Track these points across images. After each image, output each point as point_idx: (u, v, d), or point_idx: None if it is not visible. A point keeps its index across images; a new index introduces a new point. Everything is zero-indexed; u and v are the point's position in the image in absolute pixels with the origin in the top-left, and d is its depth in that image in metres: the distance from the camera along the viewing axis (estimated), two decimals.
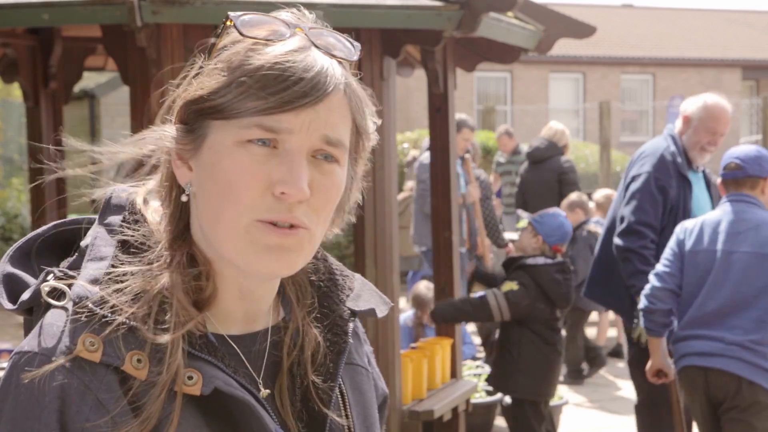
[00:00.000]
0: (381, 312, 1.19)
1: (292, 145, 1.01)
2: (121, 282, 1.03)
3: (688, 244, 3.99)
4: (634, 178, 4.59)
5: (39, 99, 5.20)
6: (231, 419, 1.03)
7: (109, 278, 1.03)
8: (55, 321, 1.02)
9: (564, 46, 21.64)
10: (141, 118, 3.94)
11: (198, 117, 1.04)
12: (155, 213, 1.11)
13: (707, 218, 4.04)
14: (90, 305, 1.00)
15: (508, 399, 5.65)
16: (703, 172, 4.79)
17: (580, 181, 8.49)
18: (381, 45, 4.37)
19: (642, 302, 4.09)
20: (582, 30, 5.08)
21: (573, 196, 7.76)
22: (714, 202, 4.75)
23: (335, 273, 1.20)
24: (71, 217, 1.18)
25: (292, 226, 1.02)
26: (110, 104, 13.85)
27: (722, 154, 4.34)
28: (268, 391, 1.10)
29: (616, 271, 4.61)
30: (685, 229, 4.05)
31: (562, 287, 4.88)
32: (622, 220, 4.56)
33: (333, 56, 1.04)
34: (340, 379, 1.14)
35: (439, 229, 4.88)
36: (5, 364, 1.03)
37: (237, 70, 1.01)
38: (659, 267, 4.09)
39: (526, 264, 4.89)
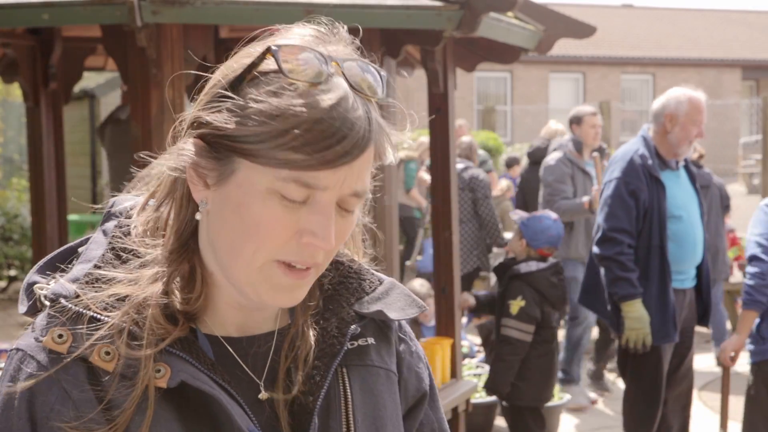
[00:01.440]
0: (404, 314, 1.20)
1: (324, 198, 1.02)
2: (101, 283, 1.06)
3: None
4: (606, 185, 4.61)
5: (39, 99, 5.20)
6: (206, 415, 1.04)
7: (89, 278, 1.07)
8: (41, 318, 1.07)
9: (564, 46, 21.65)
10: (141, 118, 3.94)
11: (227, 150, 1.02)
12: (141, 219, 1.13)
13: None
14: (63, 301, 1.04)
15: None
16: (686, 167, 4.76)
17: None
18: (381, 45, 4.37)
19: (748, 278, 4.20)
20: (582, 30, 5.08)
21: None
22: (700, 197, 4.74)
23: (349, 277, 1.21)
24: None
25: (307, 268, 1.05)
26: (110, 104, 13.84)
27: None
28: (267, 393, 1.11)
29: (597, 277, 4.64)
30: None
31: (558, 289, 4.87)
32: (598, 227, 4.59)
33: (368, 99, 1.04)
34: (347, 382, 1.14)
35: (439, 229, 4.88)
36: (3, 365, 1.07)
37: (276, 120, 0.99)
38: (764, 242, 4.19)
39: (520, 273, 4.83)
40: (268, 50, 1.03)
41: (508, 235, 8.76)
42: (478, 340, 7.75)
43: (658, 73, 27.29)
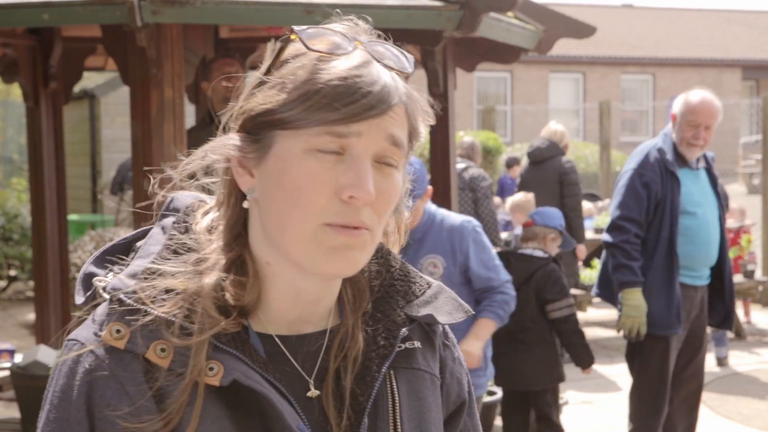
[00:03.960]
0: (452, 318, 1.21)
1: (359, 149, 1.05)
2: (158, 278, 1.09)
3: None
4: (621, 176, 4.72)
5: (39, 99, 5.20)
6: (256, 412, 1.06)
7: (147, 273, 1.09)
8: (100, 312, 1.09)
9: (564, 46, 21.65)
10: (141, 118, 3.95)
11: (264, 127, 1.08)
12: (207, 219, 1.16)
13: None
14: (122, 296, 1.07)
15: (499, 394, 5.63)
16: (707, 169, 4.78)
17: (581, 182, 8.49)
18: None
19: None
20: (582, 30, 5.08)
21: (519, 196, 7.87)
22: (720, 201, 4.77)
23: (399, 279, 1.22)
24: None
25: (356, 228, 1.06)
26: (110, 104, 13.84)
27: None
28: (317, 392, 1.12)
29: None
30: None
31: None
32: (610, 216, 4.69)
33: (392, 69, 1.09)
34: (394, 384, 1.16)
35: None
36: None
37: (305, 84, 1.05)
38: None
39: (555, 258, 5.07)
40: (292, 32, 1.09)
41: (506, 235, 8.77)
42: None
43: (658, 73, 27.30)
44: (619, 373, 7.52)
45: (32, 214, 5.57)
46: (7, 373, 4.93)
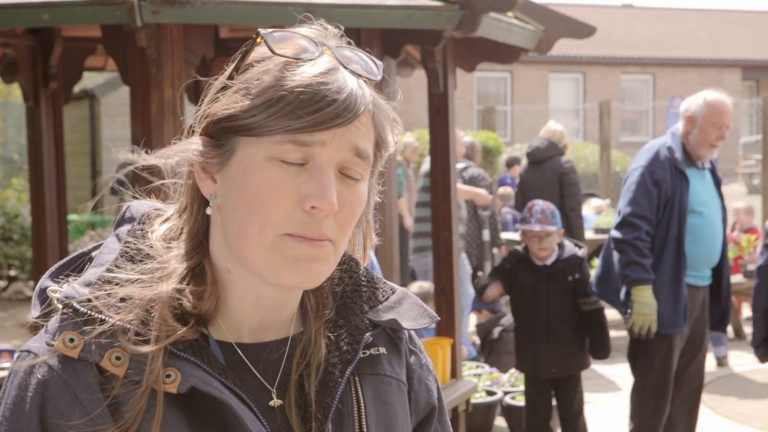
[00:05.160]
0: (417, 324, 1.19)
1: (322, 159, 1.03)
2: (113, 286, 1.06)
3: None
4: (630, 173, 4.70)
5: (39, 99, 5.20)
6: (216, 420, 1.03)
7: (101, 282, 1.06)
8: (53, 322, 1.06)
9: (564, 46, 21.66)
10: (141, 118, 3.94)
11: (227, 133, 1.05)
12: (164, 227, 1.14)
13: None
14: (75, 304, 1.04)
15: (506, 394, 5.63)
16: (711, 170, 4.79)
17: (581, 182, 8.49)
18: (381, 45, 4.37)
19: None
20: (582, 30, 5.08)
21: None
22: (723, 203, 4.77)
23: (363, 285, 1.21)
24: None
25: (318, 240, 1.04)
26: (110, 104, 13.85)
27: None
28: (279, 401, 1.10)
29: (612, 264, 4.72)
30: None
31: None
32: (619, 213, 4.67)
33: (359, 76, 1.06)
34: (359, 390, 1.14)
35: (439, 229, 4.88)
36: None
37: (270, 90, 1.02)
38: None
39: (582, 255, 5.13)
40: (258, 36, 1.07)
41: (505, 236, 8.77)
42: (478, 340, 7.75)
43: (658, 73, 27.29)
44: (619, 373, 7.52)
45: (32, 214, 5.57)
46: (6, 373, 4.94)
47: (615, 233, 4.62)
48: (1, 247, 10.83)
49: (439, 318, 1.26)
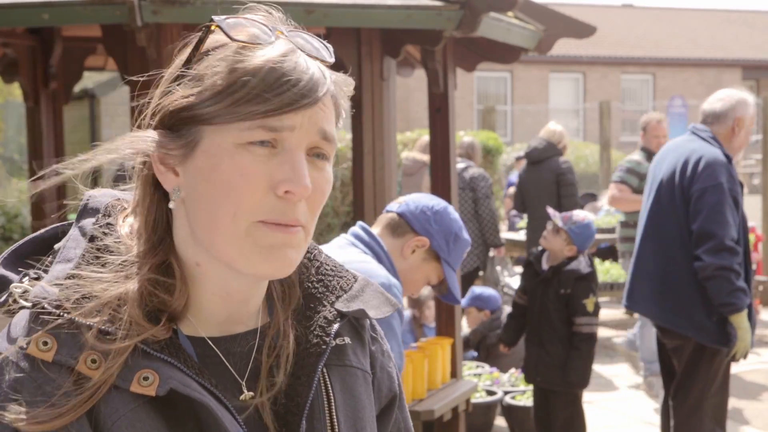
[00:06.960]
0: (381, 313, 1.18)
1: (292, 143, 1.02)
2: (83, 285, 1.03)
3: None
4: (707, 190, 4.25)
5: (39, 99, 5.21)
6: (192, 420, 1.02)
7: (70, 280, 1.03)
8: (19, 321, 1.03)
9: (564, 46, 21.66)
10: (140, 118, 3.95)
11: (187, 123, 1.03)
12: (127, 221, 1.11)
13: None
14: (46, 305, 1.01)
15: (506, 394, 5.63)
16: None
17: (580, 182, 8.49)
18: (381, 45, 4.38)
19: None
20: (582, 30, 5.08)
21: None
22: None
23: (327, 274, 1.19)
24: (71, 217, 1.17)
25: (292, 225, 1.03)
26: (110, 104, 13.86)
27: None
28: (251, 393, 1.09)
29: (676, 287, 4.37)
30: None
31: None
32: (708, 236, 4.22)
33: (315, 58, 1.06)
34: (328, 382, 1.13)
35: None
36: None
37: (230, 75, 1.01)
38: None
39: (586, 274, 4.97)
40: (212, 23, 1.05)
41: (505, 236, 8.76)
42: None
43: (658, 73, 27.29)
44: (619, 373, 7.53)
45: (32, 214, 5.57)
46: None
47: (711, 259, 4.19)
48: (1, 247, 10.83)
49: (400, 305, 1.25)
